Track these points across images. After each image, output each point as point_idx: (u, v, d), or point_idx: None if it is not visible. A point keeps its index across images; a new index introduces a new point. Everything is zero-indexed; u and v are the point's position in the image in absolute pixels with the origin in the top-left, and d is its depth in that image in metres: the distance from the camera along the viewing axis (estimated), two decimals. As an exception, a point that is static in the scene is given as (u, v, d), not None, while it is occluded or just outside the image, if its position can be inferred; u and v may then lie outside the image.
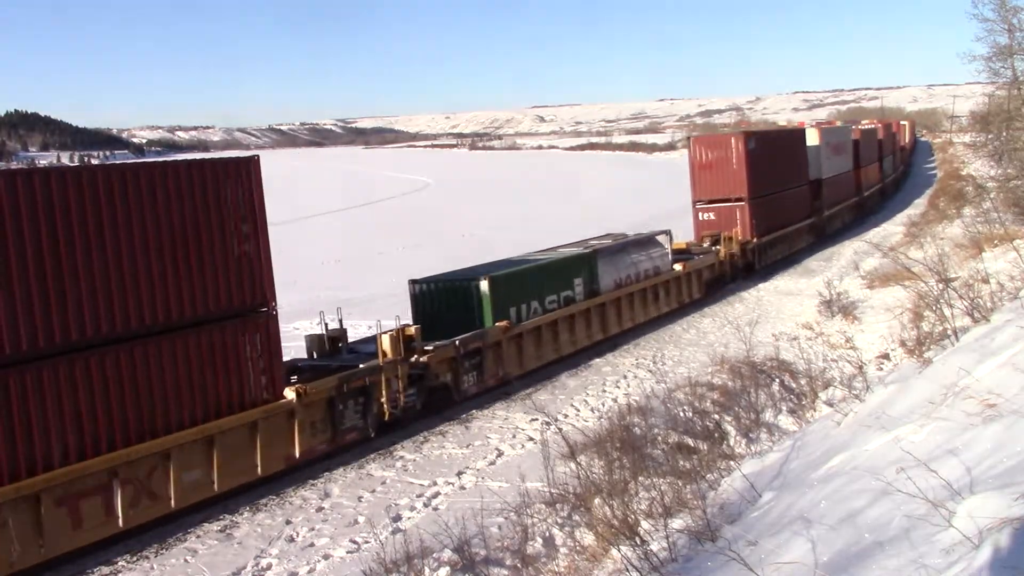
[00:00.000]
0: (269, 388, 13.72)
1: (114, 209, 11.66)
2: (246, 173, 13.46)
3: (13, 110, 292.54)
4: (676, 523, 8.18)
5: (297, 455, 14.05)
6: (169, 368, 12.32)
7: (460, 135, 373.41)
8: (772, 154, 33.83)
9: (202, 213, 12.75)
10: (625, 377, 19.68)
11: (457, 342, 17.12)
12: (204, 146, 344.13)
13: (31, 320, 10.84)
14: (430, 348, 16.49)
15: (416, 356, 16.17)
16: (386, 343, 15.53)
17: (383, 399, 15.47)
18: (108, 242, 11.60)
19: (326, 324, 16.65)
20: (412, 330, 16.33)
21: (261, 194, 13.71)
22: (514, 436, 15.90)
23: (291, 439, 13.98)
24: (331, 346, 16.53)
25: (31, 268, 10.83)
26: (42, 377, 10.86)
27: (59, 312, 11.07)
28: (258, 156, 14.06)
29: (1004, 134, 27.52)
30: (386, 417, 15.67)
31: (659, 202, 56.77)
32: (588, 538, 9.64)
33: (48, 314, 10.97)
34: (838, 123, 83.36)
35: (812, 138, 40.27)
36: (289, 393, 13.88)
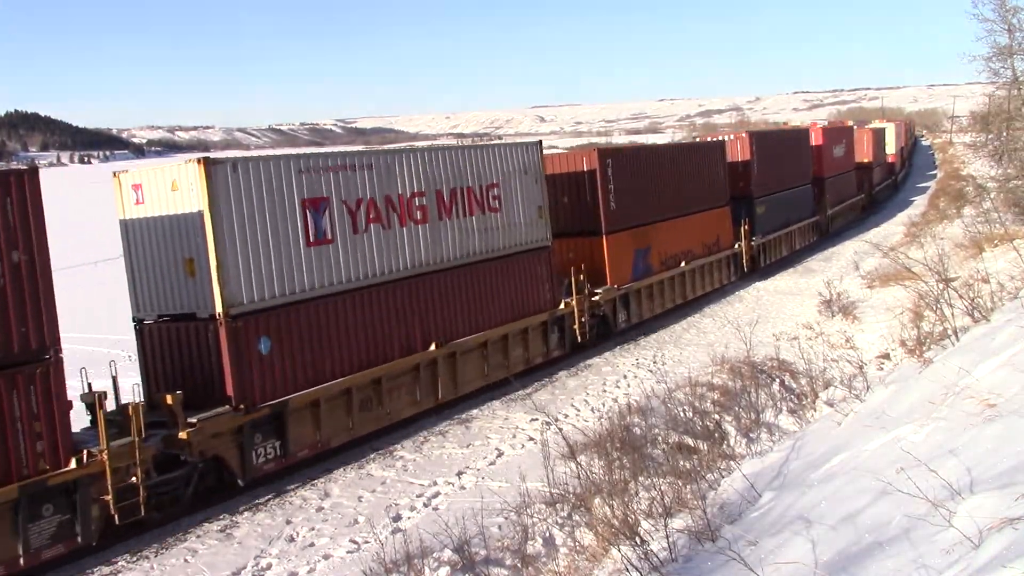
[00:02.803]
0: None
1: None
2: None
3: (13, 110, 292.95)
4: (676, 523, 8.18)
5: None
6: None
7: (460, 135, 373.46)
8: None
9: None
10: (625, 377, 19.68)
11: None
12: (204, 146, 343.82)
13: None
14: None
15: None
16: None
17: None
18: None
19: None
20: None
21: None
22: (514, 436, 15.90)
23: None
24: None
25: None
26: None
27: None
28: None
29: (1004, 134, 27.52)
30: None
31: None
32: (588, 538, 9.63)
33: None
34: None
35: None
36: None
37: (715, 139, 32.72)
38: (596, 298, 21.62)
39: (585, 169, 22.45)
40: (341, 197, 15.50)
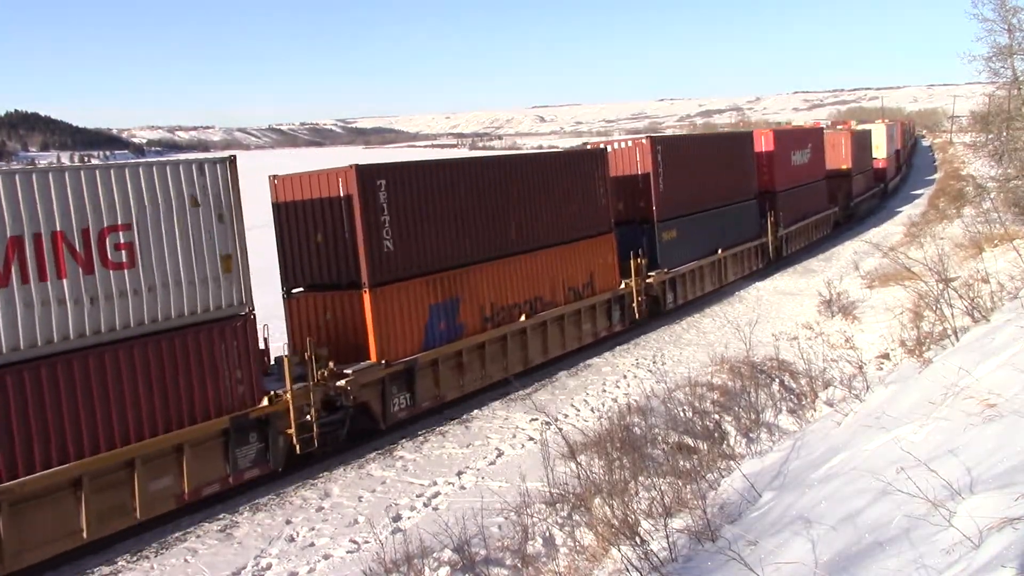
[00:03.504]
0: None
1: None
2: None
3: (13, 110, 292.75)
4: (676, 523, 8.18)
5: None
6: None
7: (460, 135, 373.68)
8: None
9: None
10: (625, 377, 19.68)
11: None
12: (204, 146, 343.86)
13: None
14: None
15: None
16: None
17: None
18: None
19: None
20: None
21: None
22: (514, 436, 15.90)
23: None
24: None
25: None
26: None
27: None
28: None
29: (1004, 134, 27.52)
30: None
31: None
32: (588, 538, 9.63)
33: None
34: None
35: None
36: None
37: (596, 147, 24.60)
38: (342, 383, 15.09)
39: (341, 195, 16.12)
40: None
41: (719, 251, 28.43)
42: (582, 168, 22.31)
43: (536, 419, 15.68)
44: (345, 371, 15.13)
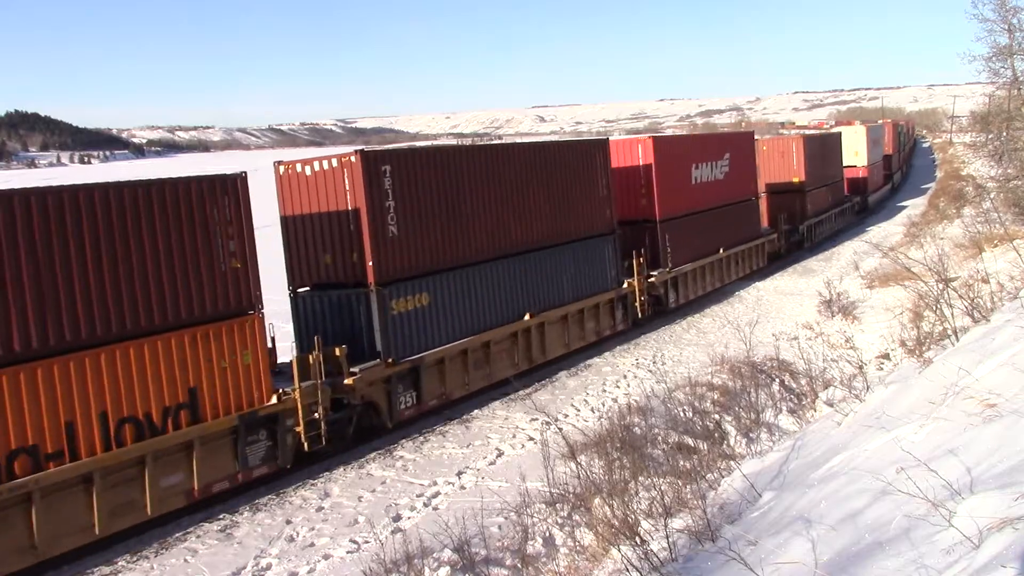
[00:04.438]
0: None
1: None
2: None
3: (13, 110, 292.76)
4: (676, 523, 8.18)
5: None
6: None
7: (460, 135, 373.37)
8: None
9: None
10: (625, 377, 19.68)
11: None
12: (204, 146, 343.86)
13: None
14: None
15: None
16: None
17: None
18: None
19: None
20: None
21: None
22: (514, 436, 15.90)
23: None
24: None
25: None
26: None
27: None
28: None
29: (1004, 134, 27.56)
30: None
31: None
32: (588, 538, 9.64)
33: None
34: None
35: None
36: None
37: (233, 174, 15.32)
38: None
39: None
40: None
41: (527, 315, 19.45)
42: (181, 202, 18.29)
43: (536, 419, 15.69)
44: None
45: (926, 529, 4.87)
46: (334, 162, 16.09)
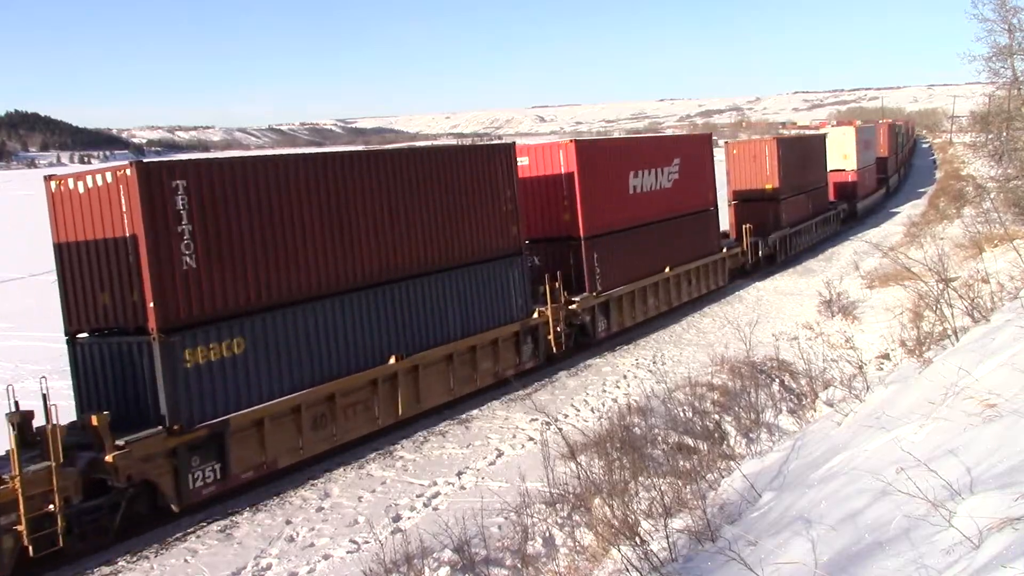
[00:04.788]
0: None
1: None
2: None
3: (13, 110, 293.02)
4: (676, 523, 8.18)
5: None
6: None
7: (460, 135, 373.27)
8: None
9: None
10: (625, 377, 19.68)
11: None
12: (204, 146, 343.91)
13: None
14: None
15: None
16: None
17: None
18: None
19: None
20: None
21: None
22: (514, 436, 15.90)
23: None
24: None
25: None
26: None
27: None
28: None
29: (1004, 134, 27.57)
30: None
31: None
32: (588, 538, 9.64)
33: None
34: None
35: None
36: None
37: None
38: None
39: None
40: None
41: (391, 358, 16.24)
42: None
43: (536, 419, 15.68)
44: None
45: (926, 529, 4.87)
46: (108, 176, 12.88)
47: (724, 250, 29.90)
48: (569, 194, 21.78)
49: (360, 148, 24.46)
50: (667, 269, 25.55)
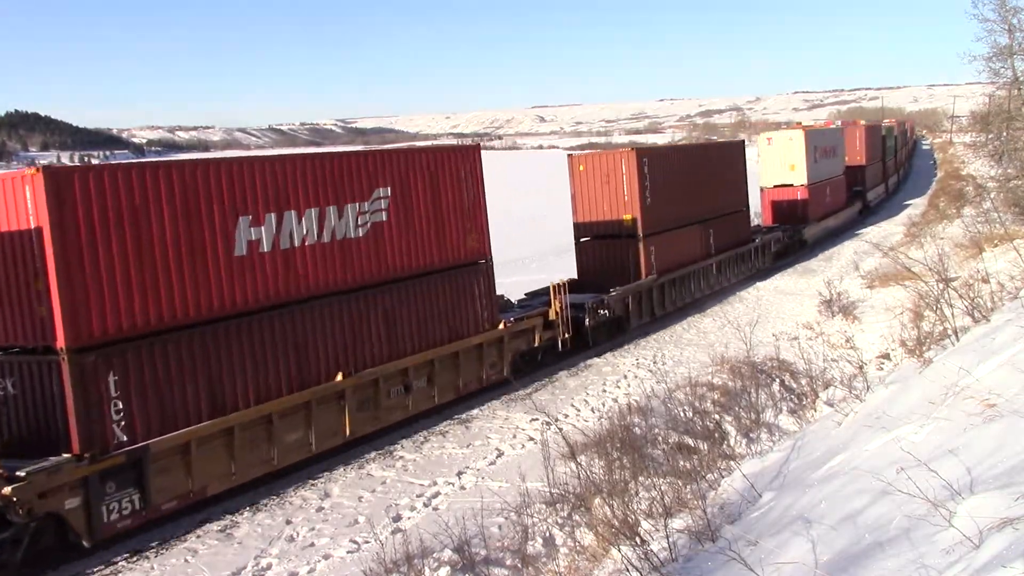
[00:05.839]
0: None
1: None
2: None
3: (13, 110, 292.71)
4: (676, 523, 8.18)
5: None
6: None
7: (460, 135, 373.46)
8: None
9: None
10: (625, 377, 19.68)
11: None
12: (204, 146, 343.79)
13: None
14: None
15: None
16: None
17: None
18: None
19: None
20: None
21: None
22: (514, 436, 15.90)
23: None
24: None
25: None
26: None
27: None
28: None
29: (1004, 134, 27.55)
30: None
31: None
32: (588, 538, 9.63)
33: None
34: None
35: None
36: None
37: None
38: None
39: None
40: None
41: (338, 376, 15.21)
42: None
43: (536, 419, 15.68)
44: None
45: (926, 529, 4.87)
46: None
47: (502, 324, 19.22)
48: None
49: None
50: (339, 377, 15.55)
